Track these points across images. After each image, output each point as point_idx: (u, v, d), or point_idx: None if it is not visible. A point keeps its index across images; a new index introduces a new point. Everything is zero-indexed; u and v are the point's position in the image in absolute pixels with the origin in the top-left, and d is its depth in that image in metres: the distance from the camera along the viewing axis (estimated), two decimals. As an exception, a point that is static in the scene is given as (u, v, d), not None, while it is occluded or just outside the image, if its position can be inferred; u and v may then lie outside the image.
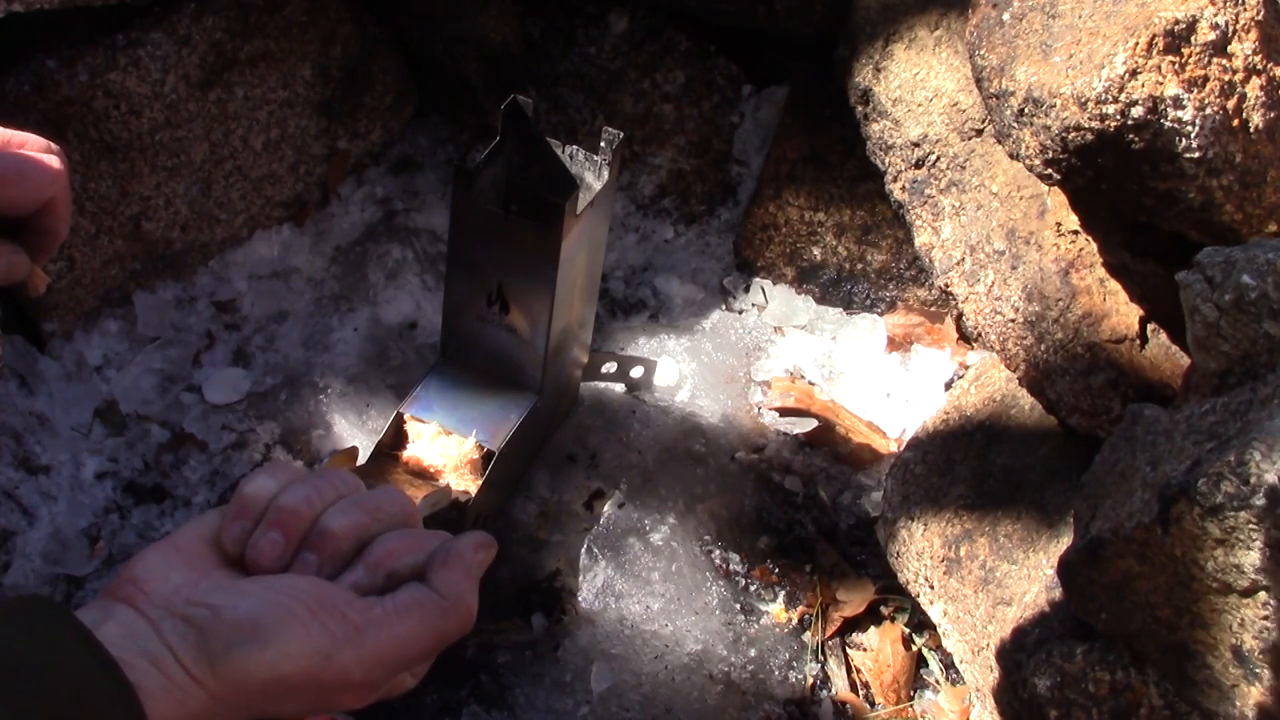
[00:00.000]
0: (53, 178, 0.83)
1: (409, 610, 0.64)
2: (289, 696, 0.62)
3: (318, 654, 0.61)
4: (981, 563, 1.17)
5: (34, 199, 0.83)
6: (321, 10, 1.49)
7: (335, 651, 0.61)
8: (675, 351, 1.50)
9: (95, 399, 1.36)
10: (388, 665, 0.63)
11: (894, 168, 1.41)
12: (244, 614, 0.60)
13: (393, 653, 0.63)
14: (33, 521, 1.26)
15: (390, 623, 0.63)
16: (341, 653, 0.62)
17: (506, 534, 1.30)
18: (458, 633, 0.65)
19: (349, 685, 0.63)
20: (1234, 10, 0.94)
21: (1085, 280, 1.15)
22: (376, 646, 0.63)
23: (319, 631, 0.61)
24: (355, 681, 0.63)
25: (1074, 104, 0.96)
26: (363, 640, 0.62)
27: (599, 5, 1.64)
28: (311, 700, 0.63)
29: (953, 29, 1.36)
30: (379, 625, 0.63)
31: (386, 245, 1.53)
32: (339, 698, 0.64)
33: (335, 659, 0.61)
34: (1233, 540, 0.72)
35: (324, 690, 0.62)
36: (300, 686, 0.61)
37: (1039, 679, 0.92)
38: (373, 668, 0.63)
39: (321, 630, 0.61)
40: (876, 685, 1.25)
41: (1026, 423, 1.26)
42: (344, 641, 0.62)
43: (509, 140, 1.21)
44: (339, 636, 0.61)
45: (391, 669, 0.64)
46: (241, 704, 0.61)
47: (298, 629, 0.61)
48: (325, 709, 0.65)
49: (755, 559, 1.32)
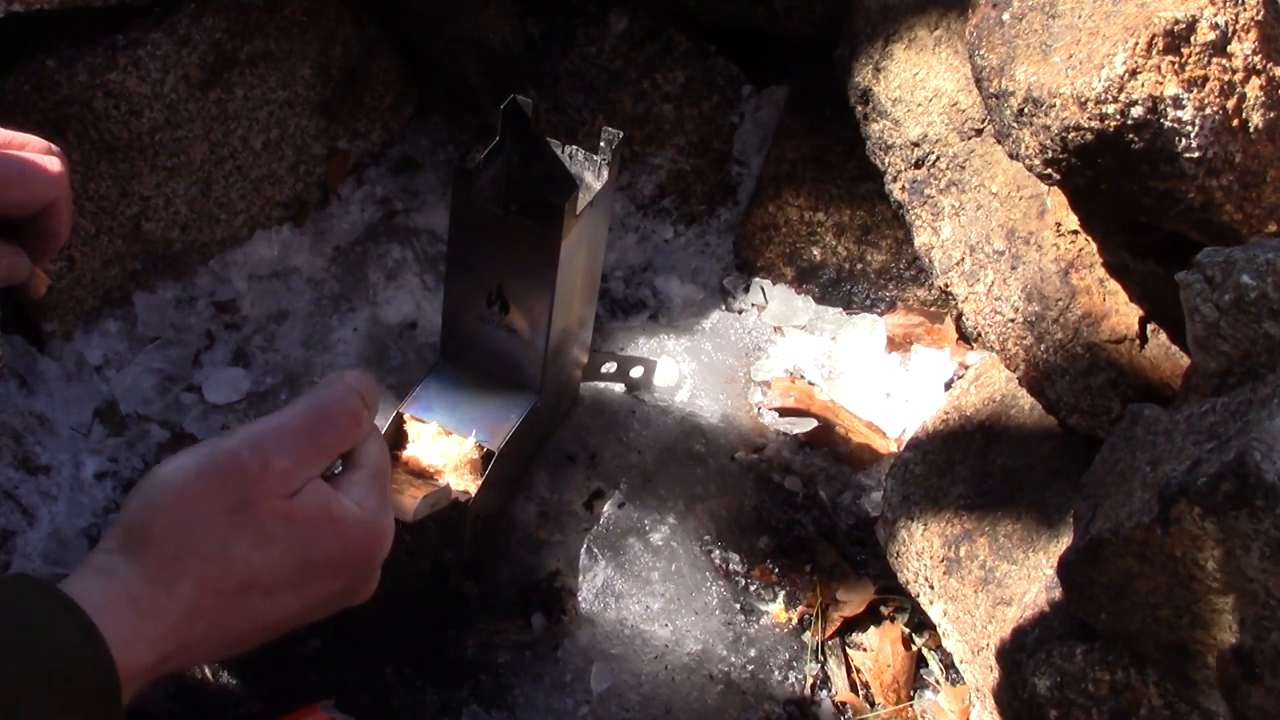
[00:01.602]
0: (53, 180, 0.83)
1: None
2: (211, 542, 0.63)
3: (210, 456, 0.65)
4: (981, 563, 1.17)
5: (35, 201, 0.83)
6: (321, 10, 1.49)
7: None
8: (675, 351, 1.50)
9: (95, 399, 1.36)
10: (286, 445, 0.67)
11: (894, 168, 1.41)
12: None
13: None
14: (33, 521, 1.26)
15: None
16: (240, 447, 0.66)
17: (506, 534, 1.30)
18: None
19: (262, 486, 0.65)
20: (1234, 10, 0.94)
21: (1085, 280, 1.15)
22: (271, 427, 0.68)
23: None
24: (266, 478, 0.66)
25: (1074, 104, 0.96)
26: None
27: (599, 5, 1.64)
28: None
29: (953, 29, 1.36)
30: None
31: (386, 245, 1.53)
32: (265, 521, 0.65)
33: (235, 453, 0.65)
34: (1233, 540, 0.72)
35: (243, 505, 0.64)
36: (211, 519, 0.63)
37: (1039, 679, 0.92)
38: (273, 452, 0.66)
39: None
40: (876, 685, 1.25)
41: (1026, 423, 1.26)
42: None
43: (509, 140, 1.21)
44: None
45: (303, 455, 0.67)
46: (185, 580, 0.62)
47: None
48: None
49: (755, 559, 1.32)
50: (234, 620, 0.65)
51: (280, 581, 0.66)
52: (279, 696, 1.16)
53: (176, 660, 0.63)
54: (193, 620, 0.63)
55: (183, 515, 0.64)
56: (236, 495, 0.65)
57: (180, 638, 0.63)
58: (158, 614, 0.62)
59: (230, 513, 0.64)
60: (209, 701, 1.15)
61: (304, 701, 1.17)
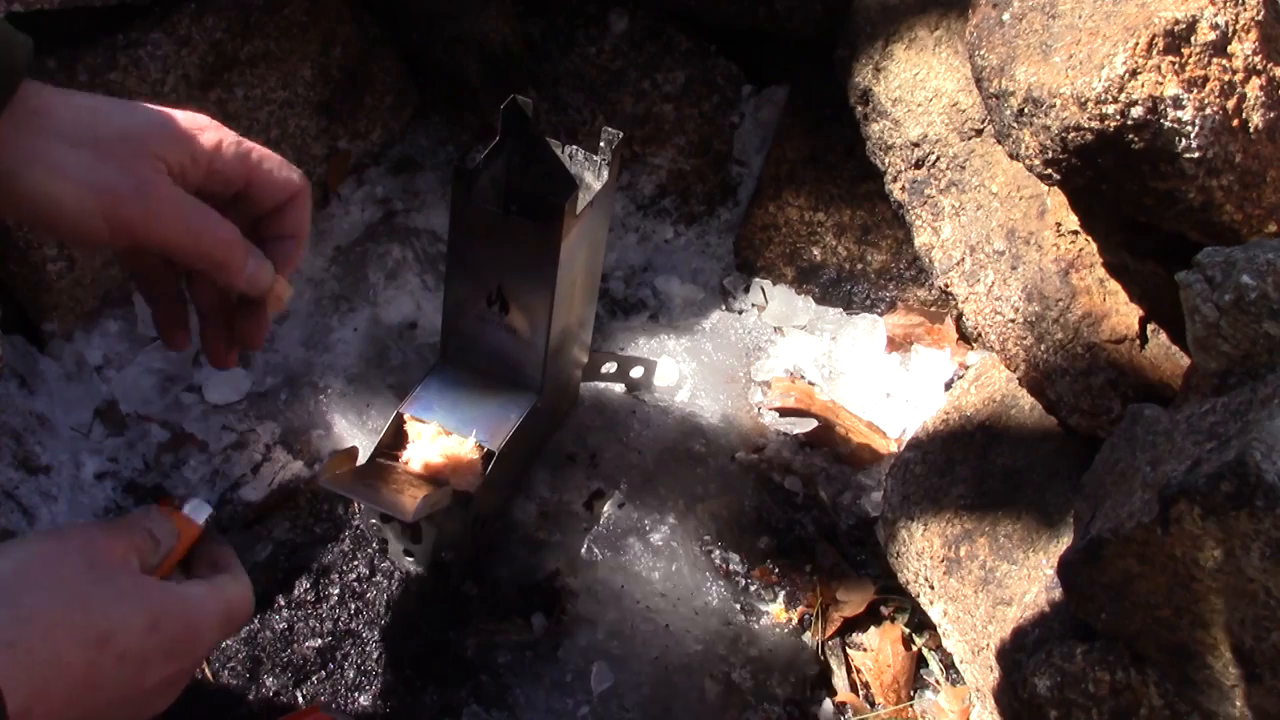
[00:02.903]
0: (298, 174, 0.83)
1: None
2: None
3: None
4: (981, 563, 1.17)
5: (282, 188, 0.82)
6: (321, 10, 1.49)
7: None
8: (675, 351, 1.50)
9: (95, 399, 1.36)
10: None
11: (894, 168, 1.41)
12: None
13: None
14: (33, 521, 1.26)
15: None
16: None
17: (506, 534, 1.30)
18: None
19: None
20: (1234, 10, 0.94)
21: (1085, 280, 1.15)
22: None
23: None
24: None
25: (1074, 104, 0.96)
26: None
27: (599, 5, 1.64)
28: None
29: (953, 29, 1.36)
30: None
31: (386, 245, 1.53)
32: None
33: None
34: (1233, 540, 0.72)
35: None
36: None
37: (1039, 679, 0.92)
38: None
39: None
40: (876, 685, 1.25)
41: (1026, 423, 1.26)
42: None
43: (509, 140, 1.21)
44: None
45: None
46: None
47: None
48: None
49: (755, 559, 1.32)
50: (89, 688, 0.66)
51: (130, 648, 0.68)
52: (279, 696, 1.16)
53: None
54: (58, 680, 0.64)
55: (46, 570, 0.67)
56: (91, 558, 0.69)
57: (46, 700, 0.63)
58: (27, 670, 0.62)
59: (88, 569, 0.69)
60: (209, 701, 1.15)
61: (304, 702, 1.17)
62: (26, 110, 0.74)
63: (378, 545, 1.27)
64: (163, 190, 0.76)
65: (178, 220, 0.76)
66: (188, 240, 0.77)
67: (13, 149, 0.72)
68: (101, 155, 0.75)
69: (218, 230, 0.78)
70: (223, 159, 0.80)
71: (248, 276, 0.80)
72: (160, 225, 0.75)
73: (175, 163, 0.77)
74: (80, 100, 0.76)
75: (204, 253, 0.78)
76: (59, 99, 0.76)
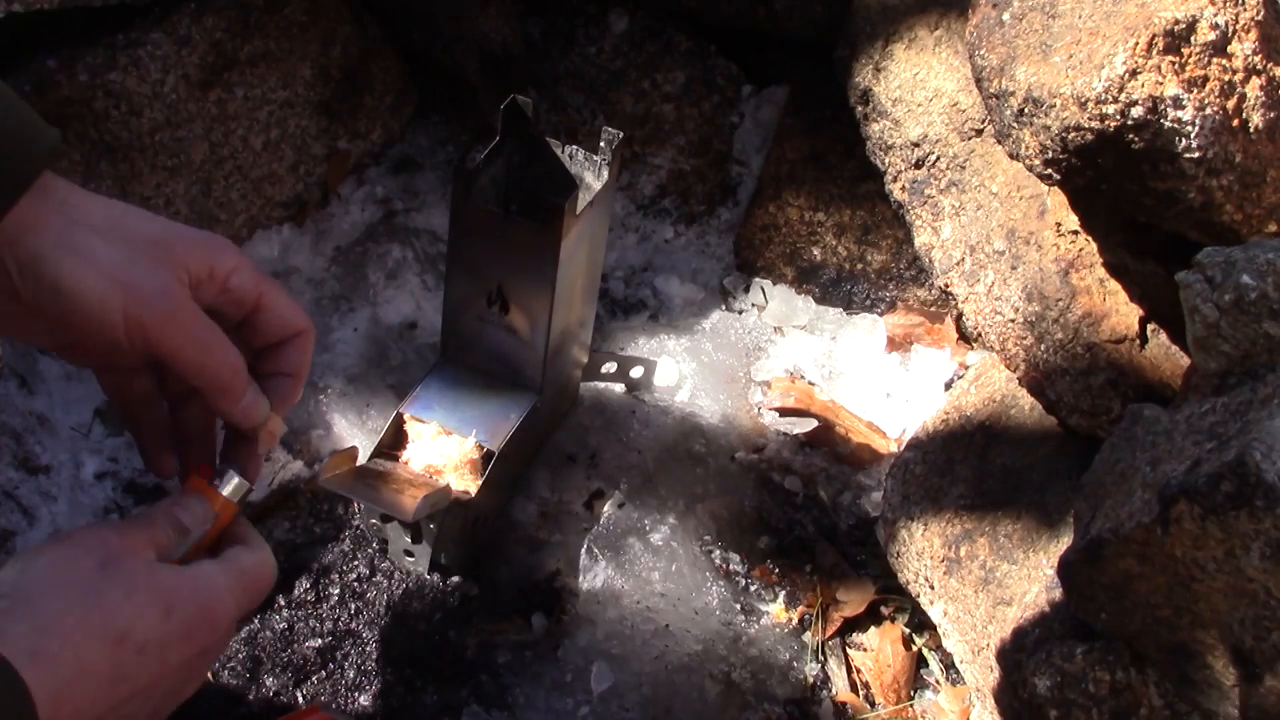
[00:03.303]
0: (301, 312, 0.83)
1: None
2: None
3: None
4: (981, 563, 1.17)
5: (289, 322, 0.82)
6: (321, 10, 1.49)
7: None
8: (675, 351, 1.50)
9: (95, 399, 1.36)
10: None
11: (894, 168, 1.41)
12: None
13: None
14: (33, 521, 1.26)
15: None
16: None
17: (506, 534, 1.30)
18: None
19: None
20: (1234, 10, 0.94)
21: (1085, 280, 1.15)
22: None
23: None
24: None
25: (1074, 104, 0.96)
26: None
27: (599, 5, 1.64)
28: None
29: (953, 29, 1.36)
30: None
31: (386, 245, 1.53)
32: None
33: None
34: (1233, 540, 0.72)
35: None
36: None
37: (1039, 679, 0.92)
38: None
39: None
40: (876, 685, 1.25)
41: (1026, 423, 1.26)
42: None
43: (509, 140, 1.21)
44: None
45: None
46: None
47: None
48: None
49: (755, 559, 1.32)
50: (114, 683, 0.67)
51: (149, 639, 0.69)
52: (279, 696, 1.16)
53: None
54: (83, 681, 0.65)
55: (57, 575, 0.68)
56: (101, 556, 0.70)
57: (74, 701, 0.64)
58: (53, 673, 0.63)
59: (99, 569, 0.69)
60: (209, 701, 1.15)
61: (304, 702, 1.17)
62: (56, 200, 0.74)
63: (378, 545, 1.27)
64: (184, 299, 0.76)
65: (192, 333, 0.76)
66: (196, 356, 0.77)
67: (44, 234, 0.73)
68: (133, 254, 0.75)
69: (226, 353, 0.78)
70: (239, 279, 0.80)
71: (243, 407, 0.80)
72: (175, 334, 0.75)
73: (195, 275, 0.78)
74: (108, 201, 0.77)
75: (210, 372, 0.78)
76: (87, 195, 0.76)
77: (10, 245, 0.72)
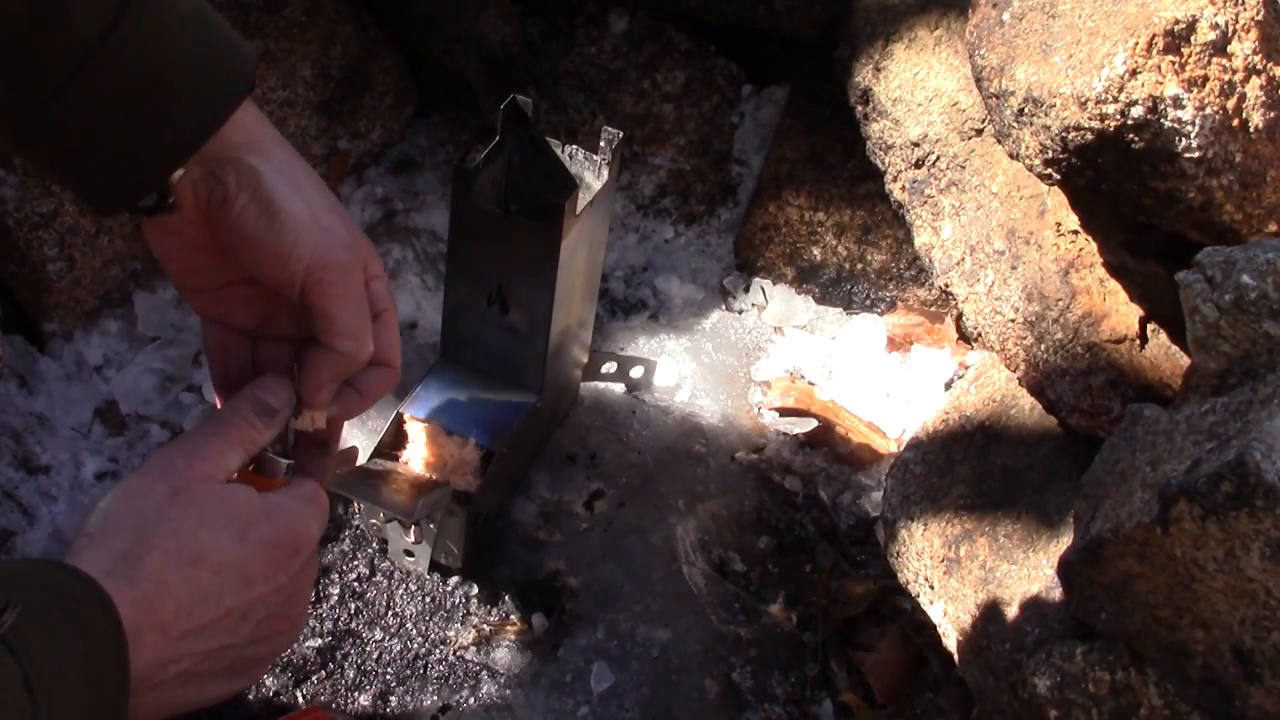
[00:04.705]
0: (397, 351, 0.85)
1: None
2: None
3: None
4: (981, 563, 1.17)
5: (381, 351, 0.84)
6: (321, 10, 1.49)
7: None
8: (675, 351, 1.50)
9: (95, 399, 1.36)
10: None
11: (894, 168, 1.41)
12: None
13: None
14: (33, 521, 1.26)
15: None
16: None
17: (506, 534, 1.30)
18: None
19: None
20: (1234, 10, 0.94)
21: (1085, 280, 1.15)
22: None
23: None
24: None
25: (1074, 104, 0.96)
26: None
27: (599, 5, 1.64)
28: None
29: (953, 29, 1.36)
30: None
31: (386, 245, 1.53)
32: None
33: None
34: (1233, 540, 0.72)
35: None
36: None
37: (1039, 679, 0.92)
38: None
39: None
40: (876, 685, 1.25)
41: (1026, 423, 1.26)
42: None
43: (509, 140, 1.21)
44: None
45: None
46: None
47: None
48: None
49: (755, 559, 1.32)
50: (196, 602, 0.68)
51: (225, 559, 0.70)
52: (279, 696, 1.16)
53: (154, 649, 0.65)
54: (162, 597, 0.66)
55: (129, 507, 0.69)
56: (172, 483, 0.70)
57: (155, 614, 0.65)
58: (132, 586, 0.64)
59: (170, 496, 0.70)
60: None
61: (304, 702, 1.17)
62: (268, 126, 0.77)
63: (378, 545, 1.27)
64: (360, 266, 0.79)
65: (356, 297, 0.78)
66: (351, 321, 0.78)
67: (269, 158, 0.75)
68: (334, 207, 0.78)
69: (368, 331, 0.80)
70: (377, 286, 0.83)
71: (359, 369, 0.82)
72: (344, 292, 0.77)
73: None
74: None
75: (353, 342, 0.79)
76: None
77: (233, 161, 0.74)
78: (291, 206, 0.75)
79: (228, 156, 0.74)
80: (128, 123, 0.70)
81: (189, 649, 0.68)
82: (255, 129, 0.75)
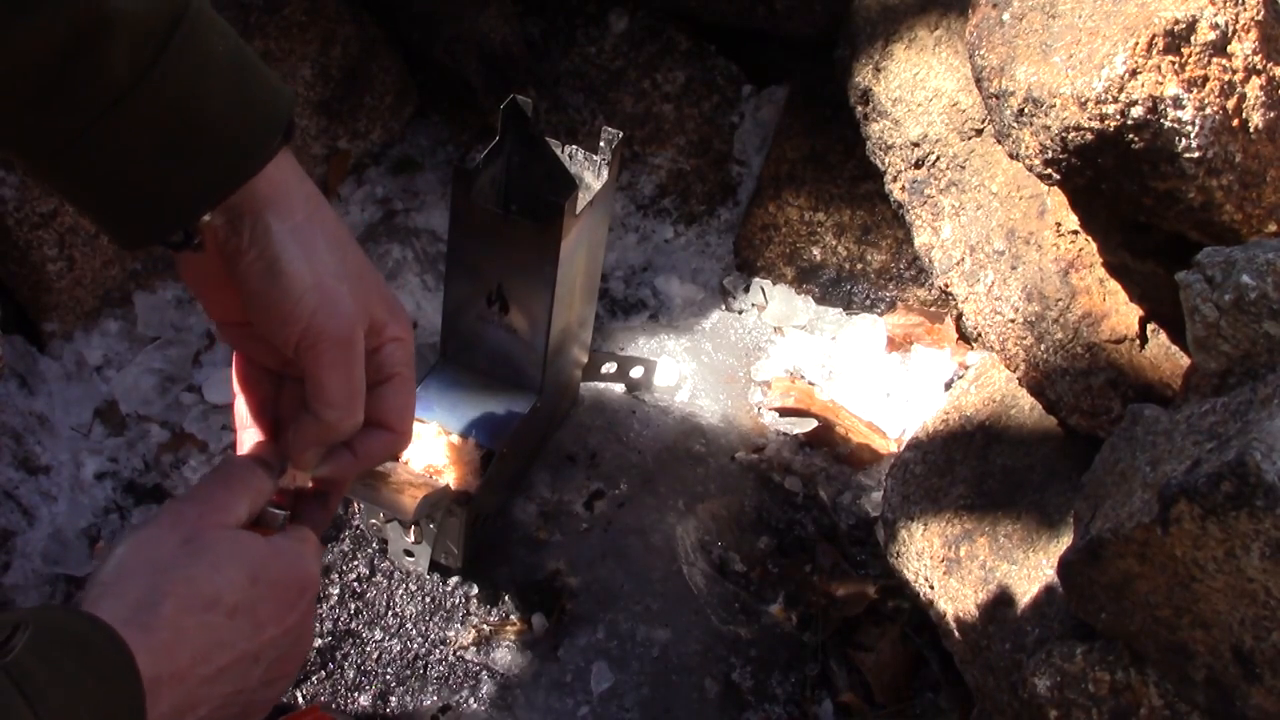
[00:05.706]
0: (410, 418, 0.84)
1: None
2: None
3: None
4: (981, 563, 1.17)
5: (390, 413, 0.83)
6: (321, 10, 1.49)
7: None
8: (675, 351, 1.50)
9: (95, 399, 1.36)
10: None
11: (894, 168, 1.41)
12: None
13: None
14: (33, 521, 1.26)
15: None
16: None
17: (506, 534, 1.30)
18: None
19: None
20: (1234, 10, 0.94)
21: (1085, 280, 1.15)
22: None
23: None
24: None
25: (1074, 104, 0.96)
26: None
27: (599, 5, 1.64)
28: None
29: (953, 29, 1.36)
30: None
31: (386, 245, 1.53)
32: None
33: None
34: (1233, 540, 0.72)
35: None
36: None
37: (1039, 679, 0.92)
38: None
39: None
40: (876, 685, 1.25)
41: (1026, 423, 1.26)
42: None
43: (509, 140, 1.21)
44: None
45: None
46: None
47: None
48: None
49: (755, 559, 1.32)
50: (211, 647, 0.68)
51: (239, 602, 0.70)
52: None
53: (171, 698, 0.65)
54: (179, 644, 0.66)
55: (142, 556, 0.69)
56: (184, 532, 0.71)
57: (173, 662, 0.65)
58: (148, 635, 0.64)
59: (182, 544, 0.70)
60: (209, 701, 1.15)
61: (304, 702, 1.17)
62: (298, 180, 0.77)
63: (378, 545, 1.27)
64: (360, 341, 0.78)
65: (348, 373, 0.78)
66: (339, 395, 0.78)
67: (286, 217, 0.75)
68: (343, 272, 0.78)
69: (358, 411, 0.79)
70: (392, 350, 0.82)
71: (333, 450, 0.82)
72: (335, 364, 0.77)
73: (371, 323, 0.80)
74: (327, 205, 0.80)
75: (338, 417, 0.79)
76: (314, 188, 0.79)
77: (252, 214, 0.74)
78: (295, 269, 0.75)
79: (248, 208, 0.74)
80: (156, 166, 0.70)
81: (205, 695, 0.68)
82: (283, 182, 0.75)
